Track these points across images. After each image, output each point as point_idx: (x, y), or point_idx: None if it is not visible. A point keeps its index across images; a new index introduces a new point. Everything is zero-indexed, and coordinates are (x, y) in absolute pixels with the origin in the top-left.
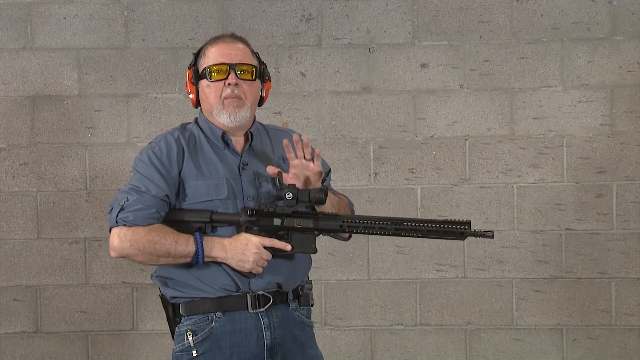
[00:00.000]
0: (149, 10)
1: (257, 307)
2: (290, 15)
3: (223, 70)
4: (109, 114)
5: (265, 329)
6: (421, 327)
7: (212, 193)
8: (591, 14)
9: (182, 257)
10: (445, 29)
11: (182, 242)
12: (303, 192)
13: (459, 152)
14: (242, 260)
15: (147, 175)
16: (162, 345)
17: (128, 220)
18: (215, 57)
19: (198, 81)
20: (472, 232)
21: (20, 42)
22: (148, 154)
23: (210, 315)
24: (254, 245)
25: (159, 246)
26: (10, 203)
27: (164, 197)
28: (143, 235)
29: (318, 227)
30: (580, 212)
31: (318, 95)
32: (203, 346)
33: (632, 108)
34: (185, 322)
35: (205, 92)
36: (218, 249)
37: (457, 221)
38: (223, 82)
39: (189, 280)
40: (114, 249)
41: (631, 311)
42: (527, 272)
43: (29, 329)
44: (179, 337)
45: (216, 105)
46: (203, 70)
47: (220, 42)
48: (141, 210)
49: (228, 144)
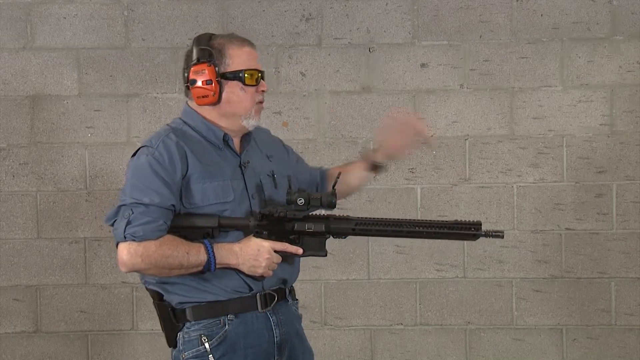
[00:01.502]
0: (149, 10)
1: (266, 306)
2: (290, 15)
3: (255, 76)
4: (108, 114)
5: (275, 327)
6: (421, 327)
7: (220, 195)
8: (591, 13)
9: (195, 267)
10: (445, 28)
11: (193, 253)
12: (314, 197)
13: (458, 151)
14: (254, 265)
15: (149, 184)
16: (162, 345)
17: (138, 235)
18: (248, 62)
19: (222, 80)
20: (484, 233)
21: (20, 42)
22: (149, 161)
23: (222, 318)
24: (266, 251)
25: (171, 260)
26: (10, 203)
27: (169, 206)
28: (155, 250)
29: (330, 230)
30: (580, 212)
31: (318, 95)
32: (219, 350)
33: (632, 108)
34: (194, 327)
35: (238, 95)
36: (229, 255)
37: (469, 222)
38: (255, 87)
39: (196, 284)
40: (124, 265)
41: (631, 311)
42: (527, 272)
43: (29, 328)
44: (190, 343)
45: (250, 109)
46: (234, 72)
47: (246, 46)
48: (149, 223)
49: (229, 145)
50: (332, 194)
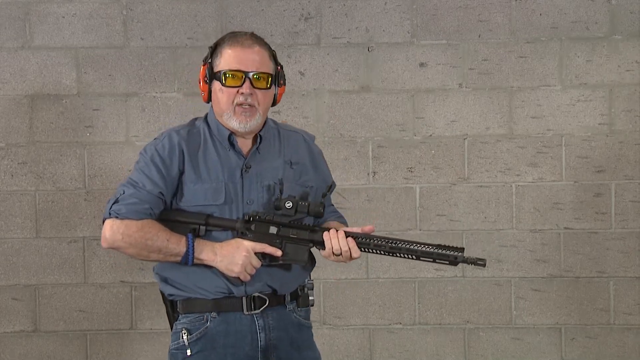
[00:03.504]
0: (148, 9)
1: (253, 309)
2: (289, 14)
3: (238, 77)
4: (107, 113)
5: (260, 331)
6: (420, 326)
7: (209, 198)
8: (590, 13)
9: (173, 255)
10: (444, 28)
11: (173, 241)
12: (302, 204)
13: (457, 151)
14: (230, 263)
15: (146, 171)
16: (161, 345)
17: (120, 212)
18: (231, 62)
19: (212, 80)
20: (465, 259)
21: (18, 41)
22: (151, 151)
23: (206, 315)
24: (244, 249)
25: (150, 242)
26: (8, 202)
27: (158, 194)
28: (135, 230)
29: (313, 239)
30: (579, 211)
31: (317, 95)
32: (197, 345)
33: (630, 107)
34: (182, 320)
35: (218, 96)
36: (208, 251)
37: (451, 247)
38: (237, 89)
39: (186, 280)
40: (105, 240)
41: (630, 310)
42: (525, 272)
43: (28, 328)
44: (175, 335)
45: (227, 110)
46: (217, 72)
47: (237, 45)
48: (135, 204)
49: (234, 146)
50: (320, 203)
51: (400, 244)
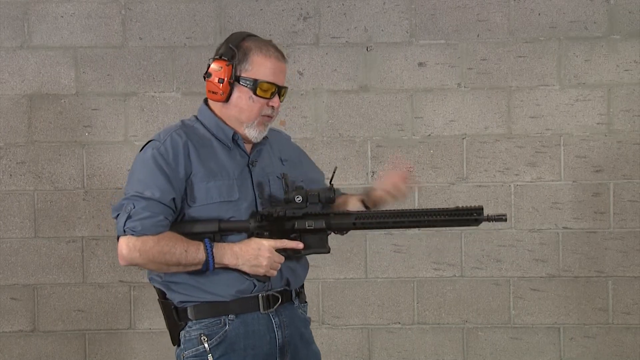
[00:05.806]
0: (147, 8)
1: (269, 308)
2: (288, 14)
3: (271, 90)
4: (106, 113)
5: (277, 329)
6: (418, 326)
7: (224, 194)
8: (588, 12)
9: (193, 265)
10: (442, 27)
11: (192, 251)
12: (312, 193)
13: (456, 150)
14: (255, 265)
15: (151, 178)
16: (160, 344)
17: (136, 230)
18: (267, 74)
19: (235, 82)
20: (486, 217)
21: (17, 41)
22: (153, 155)
23: (223, 318)
24: (266, 249)
25: (169, 256)
26: (7, 202)
27: (169, 201)
28: (152, 246)
29: (330, 226)
30: (578, 211)
31: (315, 94)
32: (219, 350)
33: (629, 107)
34: (195, 326)
35: (246, 103)
36: (229, 255)
37: (470, 208)
38: (267, 100)
39: (200, 283)
40: (122, 258)
41: (628, 310)
42: (524, 271)
43: (26, 327)
44: (190, 342)
45: (253, 120)
46: (247, 78)
47: (273, 57)
48: (149, 218)
49: (238, 144)
50: (329, 189)
51: (419, 216)
